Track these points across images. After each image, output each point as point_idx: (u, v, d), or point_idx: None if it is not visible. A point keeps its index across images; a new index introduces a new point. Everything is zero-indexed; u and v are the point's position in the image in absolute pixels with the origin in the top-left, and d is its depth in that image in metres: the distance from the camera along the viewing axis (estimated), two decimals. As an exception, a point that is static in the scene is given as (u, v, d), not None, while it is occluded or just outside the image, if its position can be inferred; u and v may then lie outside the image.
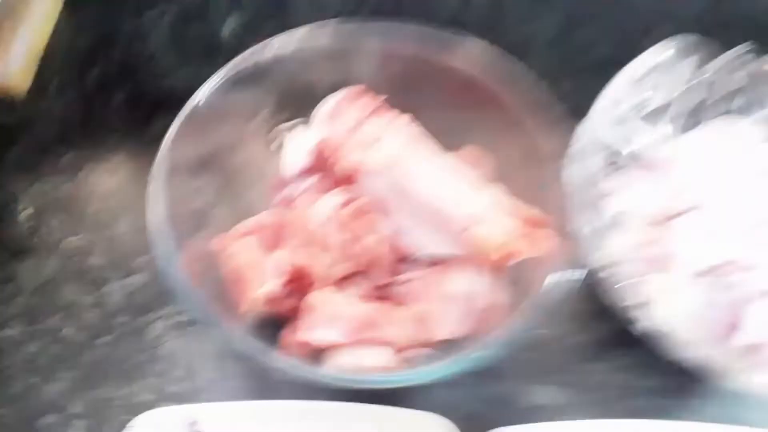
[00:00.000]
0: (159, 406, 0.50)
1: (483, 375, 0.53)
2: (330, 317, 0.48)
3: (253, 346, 0.45)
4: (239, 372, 0.55)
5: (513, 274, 0.52)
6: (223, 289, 0.51)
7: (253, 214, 0.56)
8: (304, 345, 0.49)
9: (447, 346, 0.51)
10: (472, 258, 0.50)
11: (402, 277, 0.53)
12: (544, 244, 0.49)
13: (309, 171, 0.55)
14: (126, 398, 0.55)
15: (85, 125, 0.70)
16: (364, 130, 0.52)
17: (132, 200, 0.65)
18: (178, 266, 0.47)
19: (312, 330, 0.49)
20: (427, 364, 0.48)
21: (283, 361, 0.45)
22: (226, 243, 0.53)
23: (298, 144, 0.56)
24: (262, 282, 0.50)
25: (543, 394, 0.55)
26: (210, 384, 0.56)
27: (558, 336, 0.57)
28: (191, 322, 0.59)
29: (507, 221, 0.49)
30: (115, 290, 0.61)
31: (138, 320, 0.59)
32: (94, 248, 0.63)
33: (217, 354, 0.56)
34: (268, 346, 0.48)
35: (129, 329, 0.59)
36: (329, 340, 0.48)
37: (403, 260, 0.53)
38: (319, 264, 0.50)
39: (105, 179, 0.68)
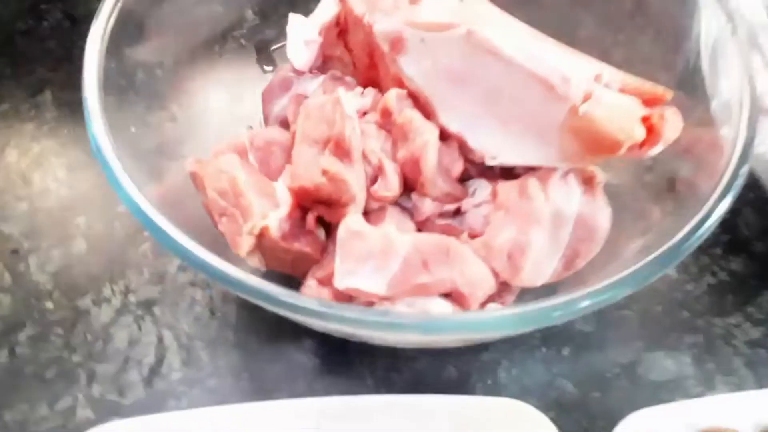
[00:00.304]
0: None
1: (578, 342, 0.40)
2: (373, 255, 0.31)
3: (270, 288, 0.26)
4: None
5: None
6: (203, 228, 0.34)
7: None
8: (340, 298, 0.32)
9: (535, 296, 0.35)
10: (576, 157, 0.34)
11: (466, 201, 0.36)
12: (674, 125, 0.33)
13: (324, 59, 0.38)
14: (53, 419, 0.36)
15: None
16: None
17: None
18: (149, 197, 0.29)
19: (348, 275, 0.31)
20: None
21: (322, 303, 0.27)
22: (207, 163, 0.35)
23: (305, 26, 0.39)
24: (268, 208, 0.33)
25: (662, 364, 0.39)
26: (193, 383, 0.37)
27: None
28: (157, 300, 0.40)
29: (625, 97, 0.33)
30: (37, 265, 0.42)
31: (73, 304, 0.40)
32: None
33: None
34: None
35: (58, 318, 0.40)
36: (375, 290, 0.31)
37: (470, 171, 0.37)
38: (353, 179, 0.33)
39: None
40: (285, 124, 0.40)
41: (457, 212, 0.37)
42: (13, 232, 0.43)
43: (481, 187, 0.37)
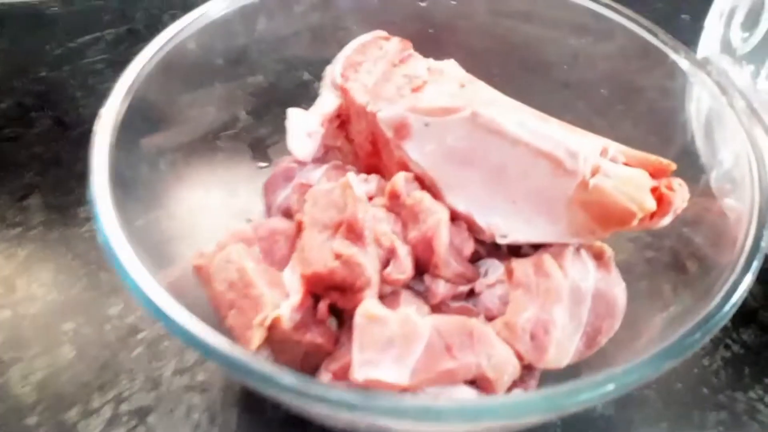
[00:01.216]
0: None
1: (600, 427, 0.39)
2: (395, 342, 0.29)
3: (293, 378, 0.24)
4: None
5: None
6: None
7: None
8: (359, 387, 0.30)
9: (557, 380, 0.33)
10: (586, 232, 0.34)
11: (479, 282, 0.35)
12: (682, 196, 0.34)
13: (324, 150, 0.38)
14: None
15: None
16: (396, 79, 0.37)
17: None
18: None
19: (367, 365, 0.29)
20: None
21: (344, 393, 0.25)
22: (211, 257, 0.34)
23: (305, 118, 0.40)
24: (279, 298, 0.31)
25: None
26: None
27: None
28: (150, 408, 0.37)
29: (632, 169, 0.34)
30: (19, 377, 0.39)
31: (59, 418, 0.37)
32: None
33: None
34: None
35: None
36: (397, 380, 0.29)
37: (479, 252, 0.36)
38: (368, 263, 0.32)
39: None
40: (288, 214, 0.39)
41: (471, 294, 0.36)
42: (-7, 342, 0.40)
43: (493, 267, 0.36)
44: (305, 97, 0.44)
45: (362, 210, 0.32)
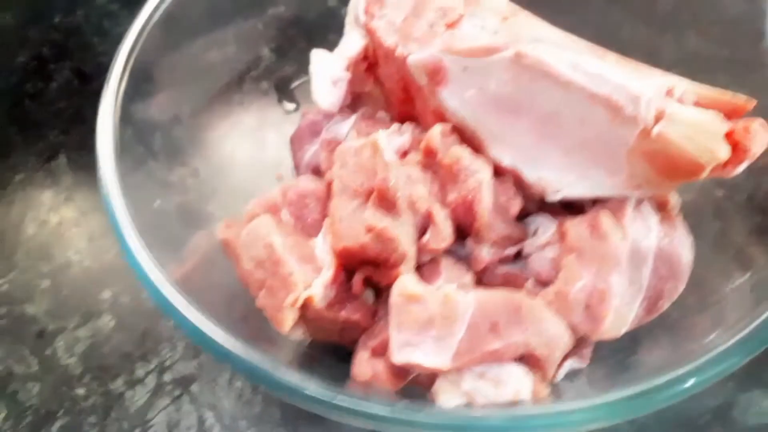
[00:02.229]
0: None
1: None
2: (434, 322, 0.27)
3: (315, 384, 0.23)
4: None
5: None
6: (238, 304, 0.30)
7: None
8: (397, 372, 0.28)
9: (614, 349, 0.31)
10: (651, 184, 0.30)
11: (528, 243, 0.32)
12: (761, 139, 0.29)
13: (353, 97, 0.35)
14: None
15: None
16: (427, 14, 0.33)
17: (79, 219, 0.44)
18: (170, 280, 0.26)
19: (406, 347, 0.27)
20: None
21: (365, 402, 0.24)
22: (238, 228, 0.32)
23: (330, 62, 0.36)
24: (310, 275, 0.29)
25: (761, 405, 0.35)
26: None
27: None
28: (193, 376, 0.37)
29: (703, 112, 0.29)
30: (64, 348, 0.39)
31: (105, 388, 0.37)
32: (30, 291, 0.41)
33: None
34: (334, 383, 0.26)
35: (91, 405, 0.37)
36: (438, 365, 0.27)
37: (528, 207, 0.33)
38: (402, 235, 0.29)
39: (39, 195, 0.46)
40: (317, 172, 0.36)
41: (519, 255, 0.33)
42: (37, 312, 0.40)
43: (544, 225, 0.33)
44: (333, 27, 0.40)
45: (393, 175, 0.29)
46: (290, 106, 0.46)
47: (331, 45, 0.39)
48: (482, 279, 0.32)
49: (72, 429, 0.36)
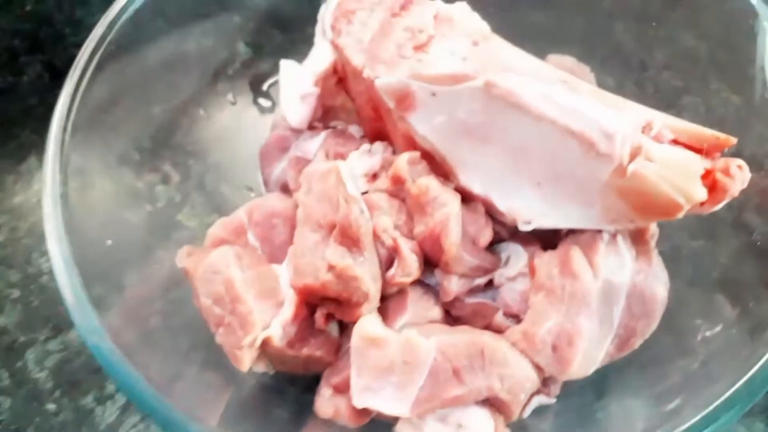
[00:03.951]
0: None
1: None
2: (394, 368, 0.26)
3: None
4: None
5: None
6: (197, 340, 0.30)
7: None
8: (357, 416, 0.28)
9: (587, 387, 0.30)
10: (625, 219, 0.29)
11: (498, 274, 0.31)
12: (739, 178, 0.28)
13: (325, 111, 0.34)
14: None
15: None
16: (396, 34, 0.31)
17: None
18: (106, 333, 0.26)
19: (366, 391, 0.27)
20: None
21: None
22: (199, 257, 0.31)
23: (299, 76, 0.35)
24: (270, 312, 0.28)
25: None
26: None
27: None
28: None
29: (680, 150, 0.28)
30: (35, 361, 0.39)
31: (76, 403, 0.37)
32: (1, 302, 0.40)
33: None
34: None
35: (61, 421, 0.37)
36: (398, 412, 0.27)
37: (500, 234, 0.32)
38: (364, 273, 0.28)
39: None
40: (286, 190, 0.35)
41: (490, 284, 0.32)
42: (8, 324, 0.40)
43: (516, 254, 0.32)
44: (311, 19, 0.38)
45: (357, 209, 0.28)
46: (266, 103, 0.45)
47: (309, 39, 0.37)
48: (450, 311, 0.31)
49: (43, 446, 0.36)
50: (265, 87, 0.45)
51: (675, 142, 0.28)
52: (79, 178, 0.32)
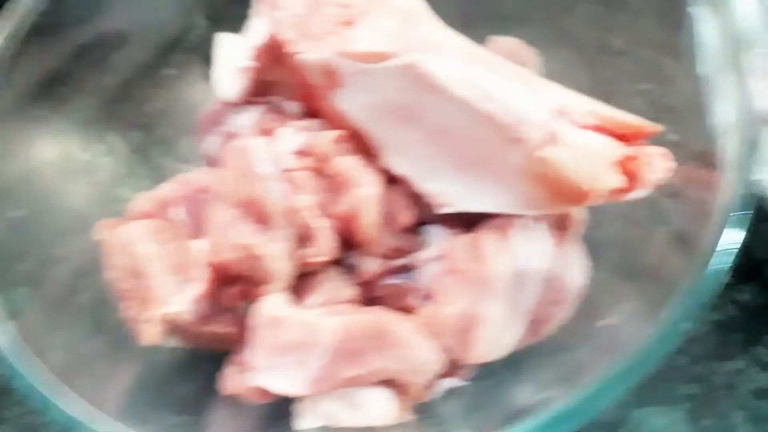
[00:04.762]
0: None
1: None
2: (293, 348, 0.27)
3: None
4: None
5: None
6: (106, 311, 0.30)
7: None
8: (260, 393, 0.28)
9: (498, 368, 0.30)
10: (542, 204, 0.28)
11: (417, 255, 0.31)
12: (659, 167, 0.27)
13: (264, 85, 0.33)
14: None
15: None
16: (326, 8, 0.31)
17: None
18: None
19: (263, 370, 0.27)
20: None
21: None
22: (114, 229, 0.31)
23: (235, 48, 0.34)
24: (179, 287, 0.29)
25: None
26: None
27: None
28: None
29: (595, 136, 0.27)
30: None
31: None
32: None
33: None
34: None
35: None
36: (294, 390, 0.27)
37: (423, 216, 0.31)
38: (273, 252, 0.28)
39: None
40: (215, 164, 0.35)
41: (411, 266, 0.32)
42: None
43: (437, 237, 0.32)
44: None
45: (268, 187, 0.28)
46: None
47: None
48: (366, 292, 0.31)
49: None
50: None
51: (599, 128, 0.27)
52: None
